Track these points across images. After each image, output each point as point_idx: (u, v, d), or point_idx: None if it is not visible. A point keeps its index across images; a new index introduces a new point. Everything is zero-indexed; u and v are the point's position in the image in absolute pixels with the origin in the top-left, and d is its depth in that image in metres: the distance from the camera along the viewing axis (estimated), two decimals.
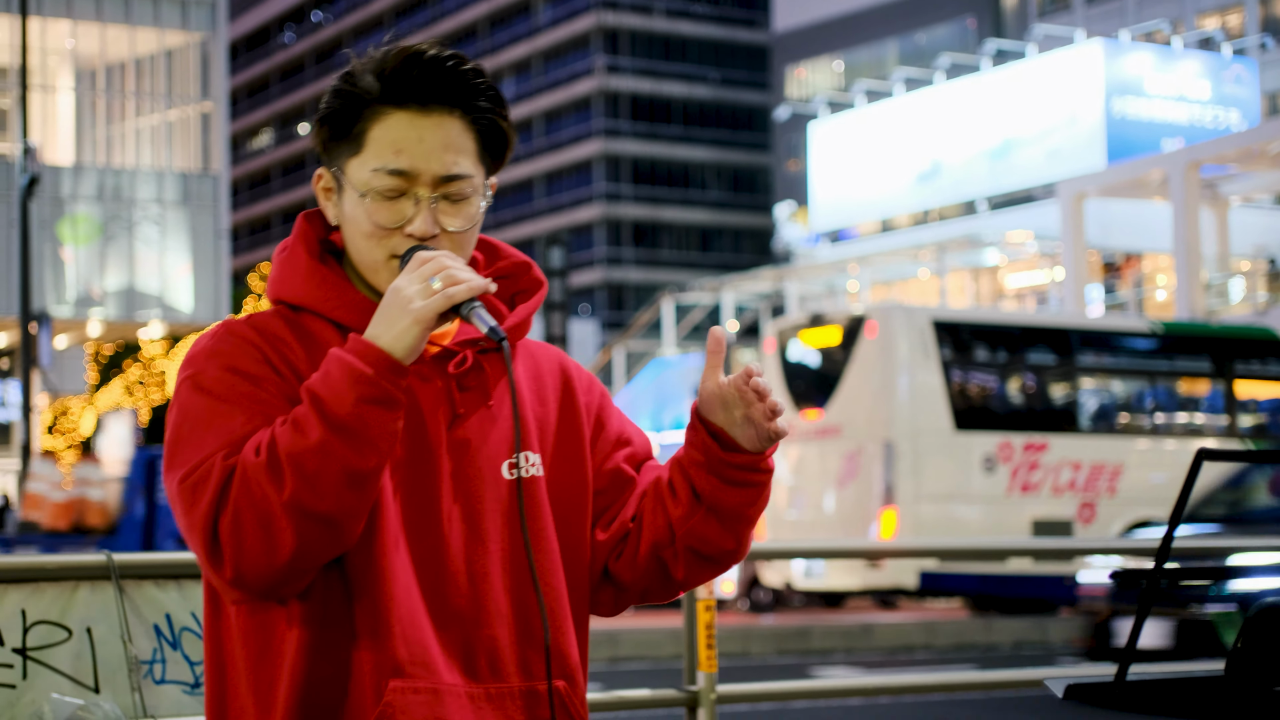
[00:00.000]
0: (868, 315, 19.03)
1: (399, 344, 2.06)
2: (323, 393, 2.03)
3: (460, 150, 2.22)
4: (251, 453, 2.03)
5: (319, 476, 2.00)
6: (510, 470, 2.24)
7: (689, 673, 4.90)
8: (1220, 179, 34.34)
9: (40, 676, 3.85)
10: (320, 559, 2.06)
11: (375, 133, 2.20)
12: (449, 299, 2.07)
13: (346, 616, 2.13)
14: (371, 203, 2.19)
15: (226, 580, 2.04)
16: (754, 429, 2.28)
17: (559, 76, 79.91)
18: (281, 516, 2.00)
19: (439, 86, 2.20)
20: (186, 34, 34.09)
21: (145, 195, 32.93)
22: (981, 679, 6.54)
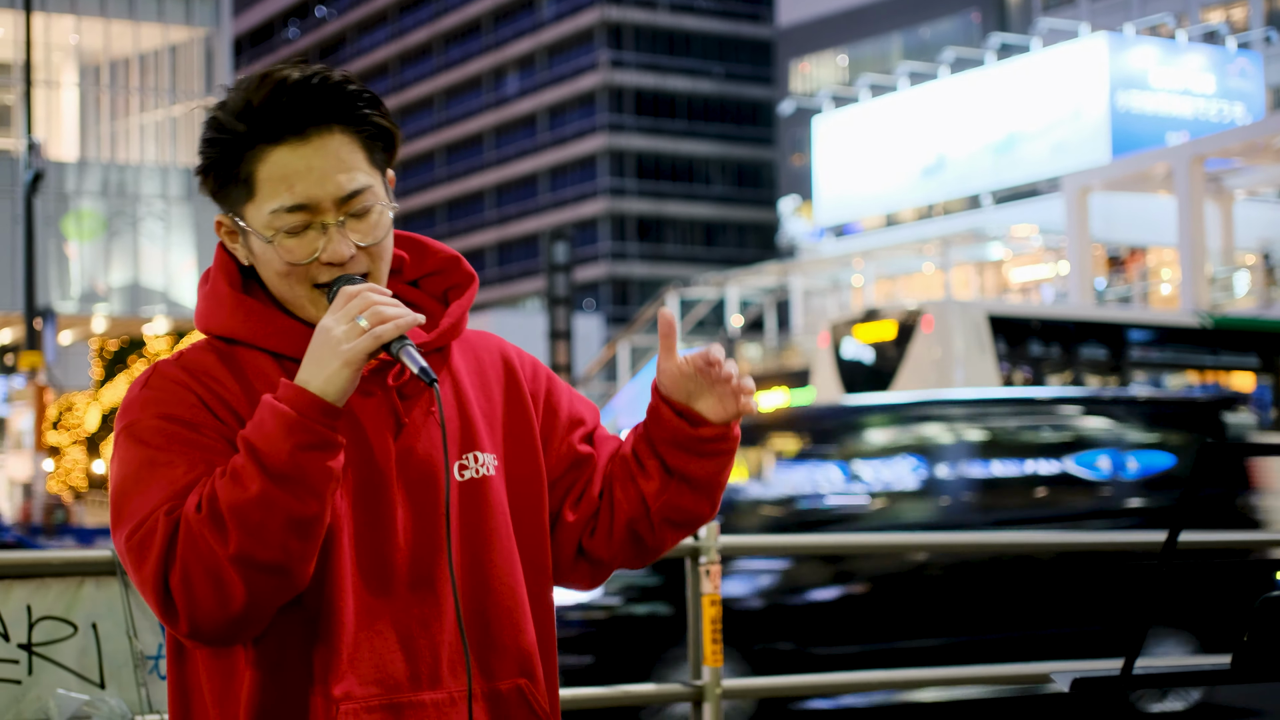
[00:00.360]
0: (924, 310, 19.34)
1: (330, 387, 2.04)
2: (259, 443, 2.01)
3: (351, 166, 2.17)
4: (193, 508, 2.01)
5: (263, 528, 1.98)
6: (462, 472, 2.23)
7: (694, 668, 4.90)
8: (1225, 173, 34.31)
9: (46, 672, 3.85)
10: (274, 604, 2.05)
11: (262, 173, 2.15)
12: (376, 339, 2.06)
13: (302, 639, 2.12)
14: (279, 244, 2.16)
15: (183, 634, 2.04)
16: (719, 402, 2.30)
17: (563, 71, 79.87)
18: (229, 570, 1.98)
19: (311, 109, 2.15)
20: (190, 29, 34.09)
21: (149, 191, 32.93)
22: (988, 673, 6.53)
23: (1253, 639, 2.30)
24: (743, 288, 46.92)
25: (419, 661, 2.16)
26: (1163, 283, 36.77)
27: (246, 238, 2.20)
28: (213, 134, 2.19)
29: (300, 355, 2.16)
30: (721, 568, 5.03)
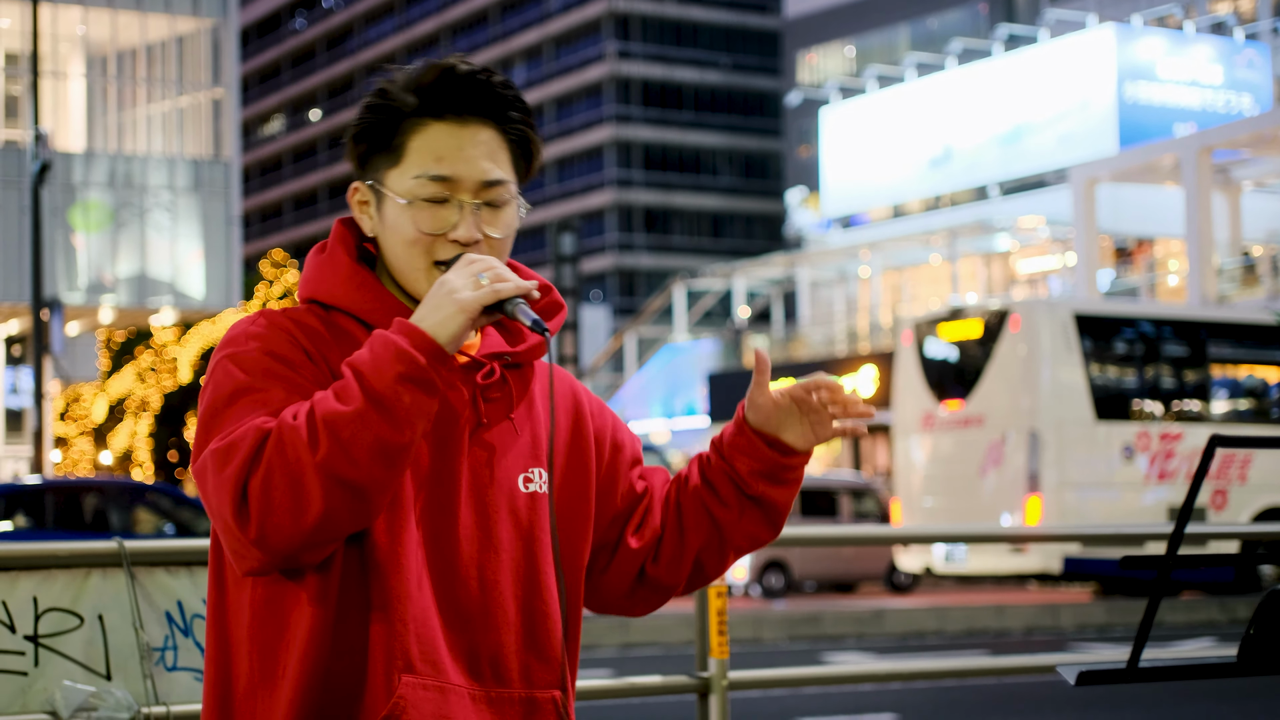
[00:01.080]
0: (1011, 309, 19.68)
1: (443, 330, 2.11)
2: (365, 367, 2.07)
3: (497, 159, 2.29)
4: (289, 417, 2.06)
5: (353, 444, 2.03)
6: (525, 484, 2.30)
7: (701, 659, 4.90)
8: (1232, 164, 34.27)
9: (52, 664, 3.86)
10: (342, 529, 2.08)
11: (415, 143, 2.26)
12: (496, 294, 2.13)
13: (362, 603, 2.16)
14: (416, 210, 2.25)
15: (249, 540, 2.05)
16: (810, 430, 2.37)
17: (570, 62, 79.85)
18: (313, 479, 2.02)
19: (474, 99, 2.27)
20: (198, 20, 34.09)
21: (157, 182, 32.94)
22: (993, 665, 6.53)
23: (1259, 632, 2.30)
24: (749, 279, 46.91)
25: (471, 656, 2.21)
26: (1170, 274, 36.75)
27: (381, 203, 2.29)
28: (377, 101, 2.28)
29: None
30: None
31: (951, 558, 19.76)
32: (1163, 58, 41.33)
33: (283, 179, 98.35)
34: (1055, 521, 18.48)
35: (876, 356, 37.36)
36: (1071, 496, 18.86)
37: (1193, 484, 2.18)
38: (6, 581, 3.85)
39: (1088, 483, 19.06)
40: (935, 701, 11.91)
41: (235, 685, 2.20)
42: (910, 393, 20.67)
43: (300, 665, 2.14)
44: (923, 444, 20.40)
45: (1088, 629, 18.24)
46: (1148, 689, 11.76)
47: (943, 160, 45.10)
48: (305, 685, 2.14)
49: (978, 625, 18.23)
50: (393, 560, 2.16)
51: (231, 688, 2.20)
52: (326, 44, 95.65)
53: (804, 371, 38.85)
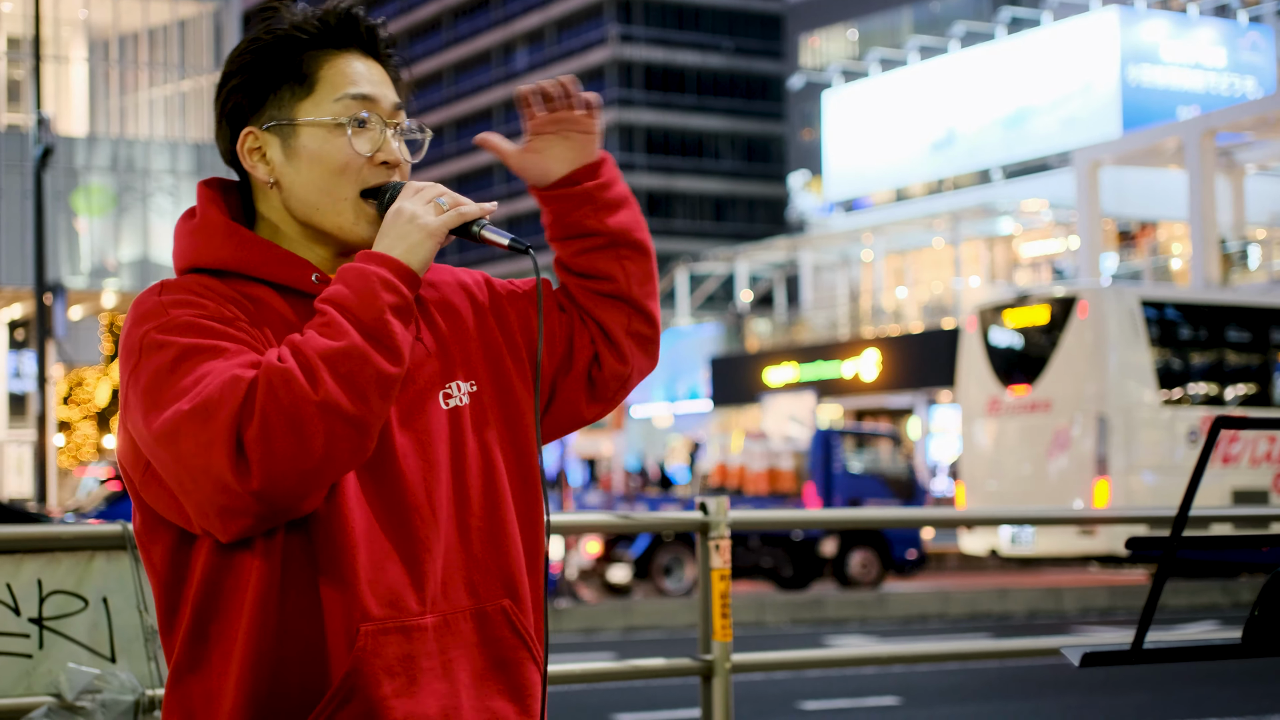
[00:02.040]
0: (1079, 295, 19.95)
1: (414, 256, 2.11)
2: (349, 301, 2.05)
3: (396, 89, 2.31)
4: (274, 359, 2.01)
5: (352, 377, 2.00)
6: (445, 400, 2.25)
7: (704, 642, 4.91)
8: (1236, 147, 34.21)
9: (57, 646, 3.86)
10: (343, 469, 2.04)
11: (326, 71, 2.24)
12: (461, 216, 2.15)
13: (309, 562, 2.10)
14: (351, 132, 2.22)
15: (249, 492, 1.97)
16: (573, 149, 2.37)
17: (572, 46, 79.73)
18: (315, 418, 1.98)
19: (372, 37, 2.29)
20: (199, 4, 34.05)
21: (159, 166, 32.93)
22: (996, 647, 6.54)
23: (1263, 614, 2.31)
24: (752, 263, 46.88)
25: (423, 585, 2.16)
26: (1173, 257, 36.71)
27: (290, 140, 2.22)
28: (264, 37, 2.25)
29: (302, 286, 2.20)
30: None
31: (1018, 540, 19.93)
32: (1166, 40, 41.24)
33: None
34: (1122, 504, 18.65)
35: (879, 340, 37.35)
36: (1138, 480, 19.13)
37: (1197, 465, 2.18)
38: (11, 564, 3.85)
39: (1154, 466, 19.31)
40: (938, 685, 11.92)
41: (184, 663, 2.15)
42: (975, 378, 20.98)
43: (249, 635, 2.09)
44: (988, 428, 20.71)
45: (1091, 612, 18.27)
46: (1152, 672, 11.77)
47: (945, 143, 45.03)
48: (255, 656, 2.09)
49: (980, 608, 18.26)
50: (334, 515, 2.10)
51: (181, 666, 2.16)
52: None
53: (808, 355, 38.92)
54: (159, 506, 2.13)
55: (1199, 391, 20.26)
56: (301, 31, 2.25)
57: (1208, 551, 8.30)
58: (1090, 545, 19.45)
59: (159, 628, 2.21)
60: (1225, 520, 7.94)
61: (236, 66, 2.25)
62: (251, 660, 2.09)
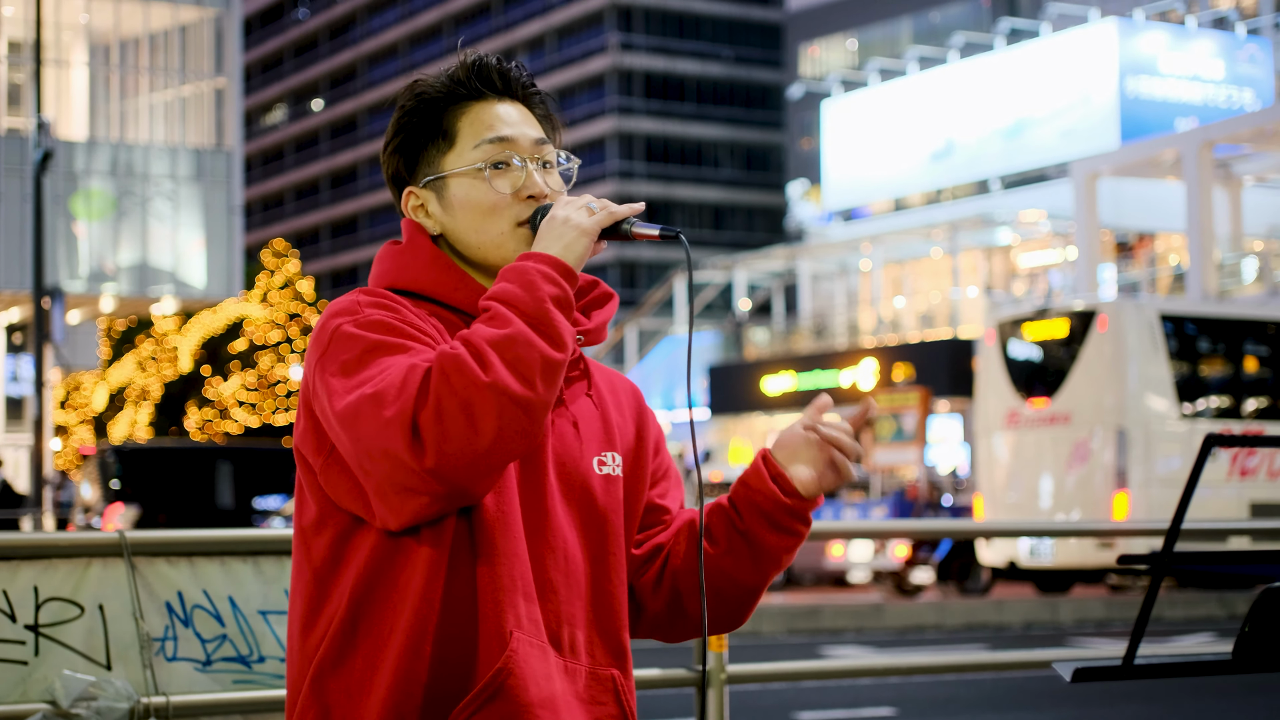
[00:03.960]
0: (1098, 309, 20.09)
1: (570, 253, 2.22)
2: (512, 295, 2.16)
3: (537, 127, 2.43)
4: (448, 349, 2.13)
5: (520, 361, 2.11)
6: (600, 466, 2.36)
7: (699, 652, 4.91)
8: (1234, 159, 34.25)
9: (52, 653, 3.87)
10: (514, 451, 2.13)
11: (464, 123, 2.38)
12: (613, 215, 2.28)
13: (471, 559, 2.20)
14: (491, 174, 2.35)
15: (426, 469, 2.09)
16: (818, 475, 2.42)
17: (572, 54, 79.78)
18: (486, 399, 2.08)
19: (506, 81, 2.41)
20: (200, 9, 34.07)
21: (158, 171, 32.93)
22: (992, 659, 6.55)
23: (1254, 629, 2.31)
24: (751, 271, 46.88)
25: (553, 625, 2.26)
26: (1171, 269, 36.73)
27: (443, 192, 2.37)
28: (413, 104, 2.40)
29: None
30: None
31: (1036, 553, 19.97)
32: (1164, 52, 41.28)
33: (284, 169, 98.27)
34: (1142, 516, 18.76)
35: (877, 350, 37.36)
36: (1157, 492, 19.18)
37: (1189, 482, 2.19)
38: (7, 571, 3.86)
39: (1173, 479, 19.39)
40: (934, 696, 11.92)
41: (329, 660, 2.21)
42: (993, 390, 21.08)
43: (410, 625, 2.18)
44: (1006, 441, 20.80)
45: (1086, 624, 18.27)
46: (1148, 684, 11.77)
47: (944, 154, 45.06)
48: (413, 647, 2.17)
49: (976, 620, 18.26)
50: (501, 520, 2.22)
51: (325, 663, 2.22)
52: (329, 34, 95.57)
53: (805, 365, 38.88)
54: (338, 492, 2.23)
55: (1217, 404, 20.37)
56: (438, 90, 2.39)
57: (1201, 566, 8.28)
58: (1109, 558, 19.54)
59: (297, 628, 2.28)
60: (1242, 533, 7.91)
61: (391, 134, 2.42)
62: (409, 652, 2.18)
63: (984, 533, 15.43)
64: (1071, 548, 19.47)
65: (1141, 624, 2.19)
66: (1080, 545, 19.31)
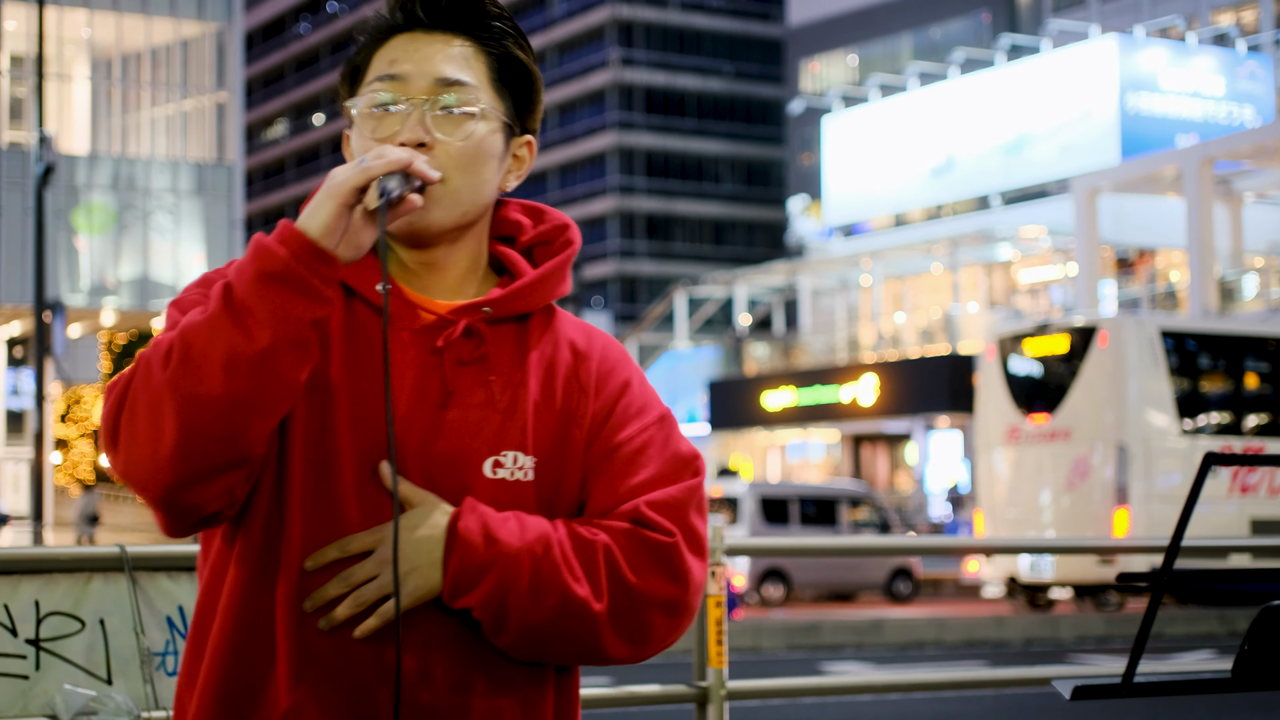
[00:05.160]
0: (1099, 325, 20.13)
1: (312, 220, 1.89)
2: (232, 273, 1.88)
3: (464, 66, 2.02)
4: (155, 339, 1.90)
5: (204, 355, 1.82)
6: (495, 469, 1.99)
7: (699, 668, 4.91)
8: (1234, 175, 34.29)
9: (53, 667, 3.87)
10: (210, 459, 1.86)
11: (376, 57, 2.05)
12: (365, 172, 1.88)
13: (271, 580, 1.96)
14: (363, 118, 2.03)
15: (119, 474, 1.90)
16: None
17: (573, 69, 79.89)
18: (165, 398, 1.83)
19: (445, 10, 2.04)
20: (202, 24, 34.14)
21: (160, 185, 32.98)
22: (991, 676, 6.55)
23: (1253, 647, 2.32)
24: (751, 287, 46.91)
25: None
26: (1171, 284, 36.76)
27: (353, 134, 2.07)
28: (355, 41, 2.10)
29: (369, 296, 2.01)
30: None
31: (1037, 568, 19.97)
32: (1165, 69, 41.34)
33: (285, 183, 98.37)
34: (1143, 533, 18.74)
35: (877, 365, 37.36)
36: (1157, 508, 19.19)
37: (1188, 500, 2.19)
38: (8, 585, 3.86)
39: (1173, 495, 19.39)
40: (934, 713, 11.91)
41: (182, 668, 2.04)
42: (994, 406, 21.10)
43: (213, 650, 1.97)
44: (1007, 456, 20.82)
45: (1087, 640, 18.25)
46: (1146, 701, 11.77)
47: (945, 169, 45.10)
48: (215, 673, 1.96)
49: (977, 636, 18.24)
50: (313, 530, 1.94)
51: (181, 672, 2.04)
52: (330, 48, 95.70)
53: (805, 380, 38.89)
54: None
55: (1218, 420, 20.37)
56: (375, 27, 2.07)
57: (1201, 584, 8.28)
58: (1109, 574, 19.54)
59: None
60: (1242, 550, 7.91)
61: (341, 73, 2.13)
62: (208, 688, 1.97)
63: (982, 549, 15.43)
64: (1072, 564, 19.48)
65: (1141, 641, 2.20)
66: (1080, 561, 19.31)
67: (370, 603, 1.94)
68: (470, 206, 2.03)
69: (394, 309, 2.00)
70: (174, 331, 1.87)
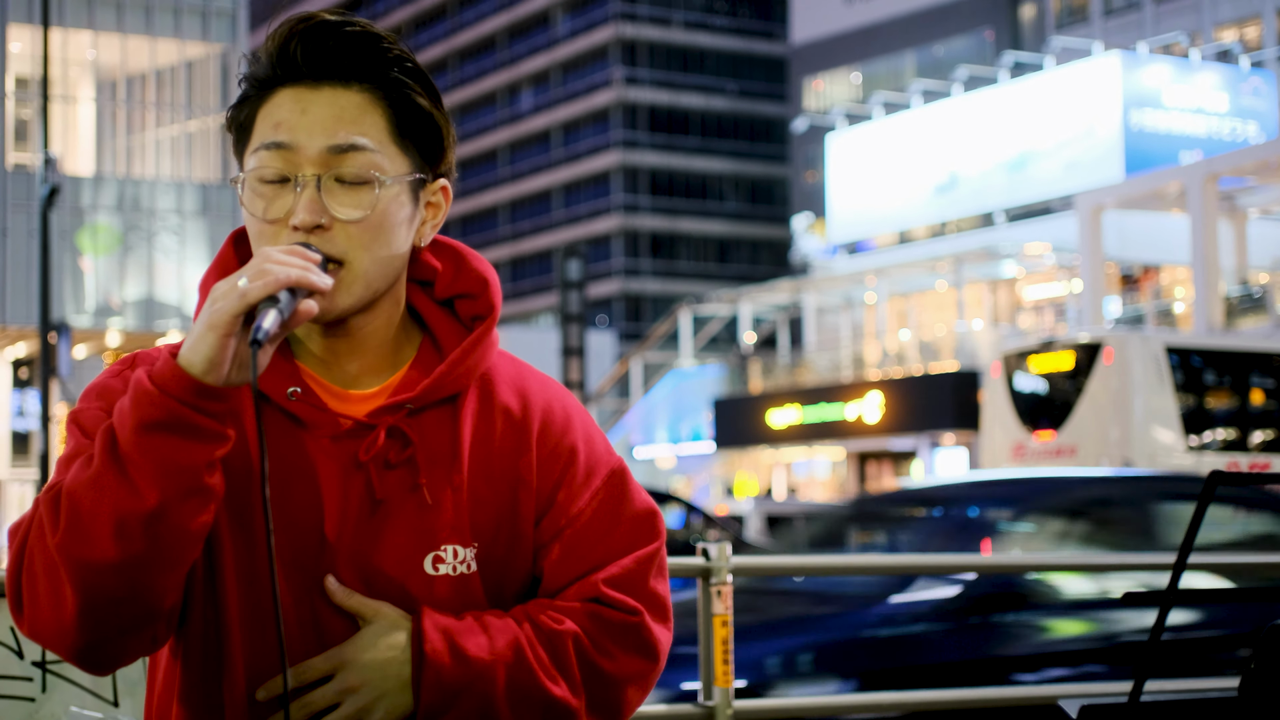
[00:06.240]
0: (1104, 342, 20.13)
1: (195, 355, 1.70)
2: (115, 420, 1.72)
3: (357, 124, 1.83)
4: (46, 492, 1.74)
5: (91, 518, 1.68)
6: (435, 565, 1.87)
7: (705, 688, 4.91)
8: (1238, 191, 34.28)
9: (59, 689, 3.87)
10: (116, 621, 1.74)
11: (261, 114, 1.85)
12: (242, 297, 1.68)
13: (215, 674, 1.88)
14: (250, 191, 1.84)
15: (26, 634, 1.77)
16: None
17: (577, 88, 79.99)
18: (59, 563, 1.70)
19: (332, 58, 1.83)
20: (207, 45, 34.21)
21: (164, 206, 33.03)
22: (998, 696, 6.54)
23: (1259, 666, 2.32)
24: (755, 305, 46.91)
25: None
26: (1176, 301, 36.75)
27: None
28: (241, 84, 1.90)
29: (279, 394, 1.87)
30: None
31: None
32: (1168, 85, 41.37)
33: None
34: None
35: (882, 383, 37.35)
36: None
37: (1194, 519, 2.20)
38: None
39: None
40: None
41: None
42: (1000, 423, 21.09)
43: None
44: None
45: None
46: None
47: (948, 187, 45.13)
48: None
49: None
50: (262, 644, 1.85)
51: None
52: None
53: (810, 398, 38.86)
54: None
55: (1224, 437, 20.39)
56: (253, 76, 1.88)
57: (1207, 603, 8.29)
58: None
59: None
60: (1252, 566, 7.89)
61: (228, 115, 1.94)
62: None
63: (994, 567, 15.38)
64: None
65: (1148, 661, 2.20)
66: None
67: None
68: (380, 282, 1.87)
69: (311, 417, 1.86)
70: (62, 484, 1.72)
